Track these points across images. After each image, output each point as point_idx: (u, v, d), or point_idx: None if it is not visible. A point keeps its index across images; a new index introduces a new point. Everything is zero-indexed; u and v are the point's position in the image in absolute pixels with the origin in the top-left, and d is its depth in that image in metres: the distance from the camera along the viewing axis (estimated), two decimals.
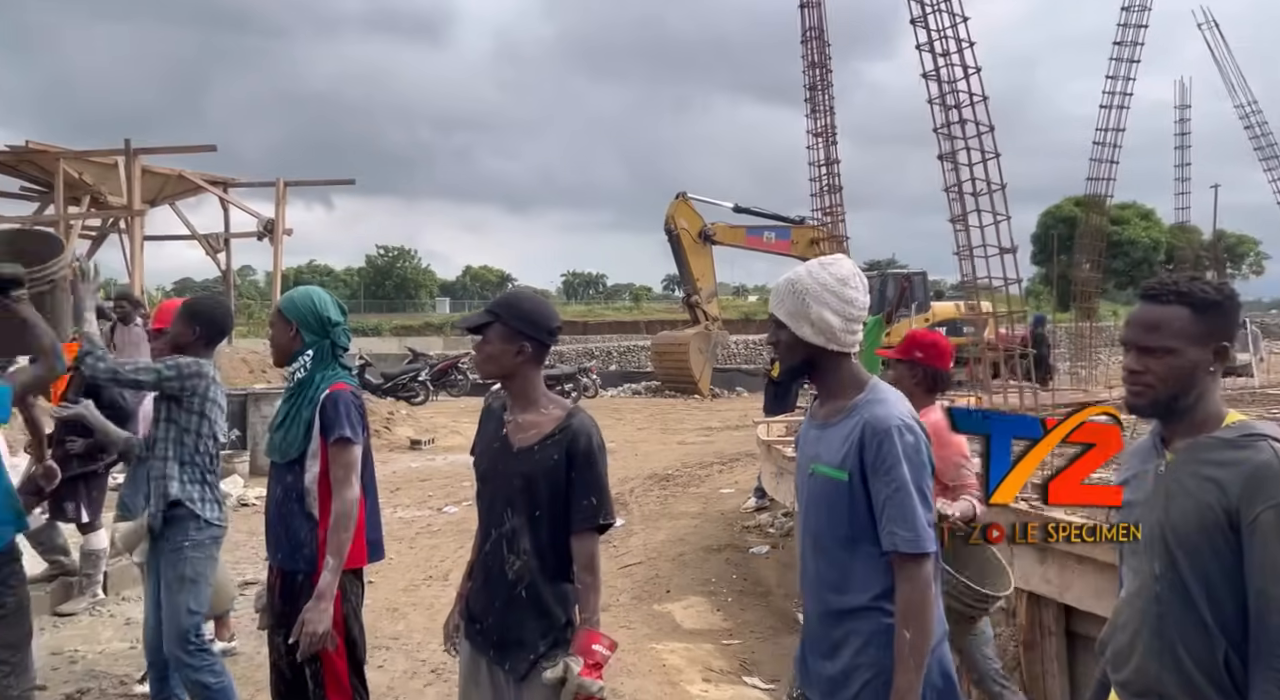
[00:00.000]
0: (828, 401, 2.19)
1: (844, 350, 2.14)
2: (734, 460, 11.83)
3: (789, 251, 23.04)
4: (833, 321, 2.10)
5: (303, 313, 3.10)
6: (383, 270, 74.53)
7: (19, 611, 3.29)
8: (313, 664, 3.03)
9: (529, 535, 2.43)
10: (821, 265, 2.17)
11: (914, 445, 2.01)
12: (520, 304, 2.54)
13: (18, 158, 15.85)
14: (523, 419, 2.51)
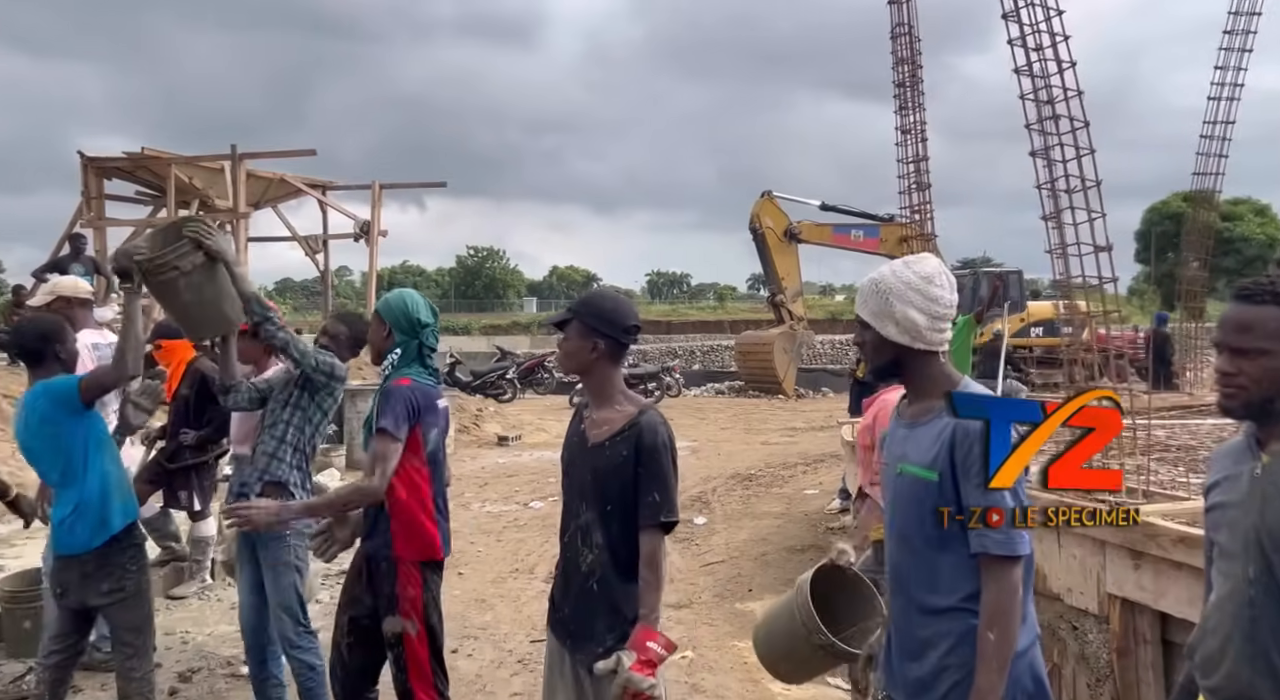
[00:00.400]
0: (916, 400, 2.18)
1: (930, 349, 2.12)
2: (818, 461, 11.73)
3: (877, 250, 22.66)
4: (918, 320, 2.09)
5: (395, 314, 3.23)
6: (472, 270, 75.96)
7: (139, 595, 3.51)
8: (395, 648, 3.16)
9: (600, 529, 2.50)
10: (906, 264, 2.17)
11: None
12: (598, 302, 2.63)
13: (134, 163, 16.71)
14: (598, 415, 2.59)
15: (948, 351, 2.19)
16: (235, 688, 4.66)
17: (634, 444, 2.46)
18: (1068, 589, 4.09)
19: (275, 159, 17.73)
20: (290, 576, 3.72)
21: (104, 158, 16.78)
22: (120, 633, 3.51)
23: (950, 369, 2.18)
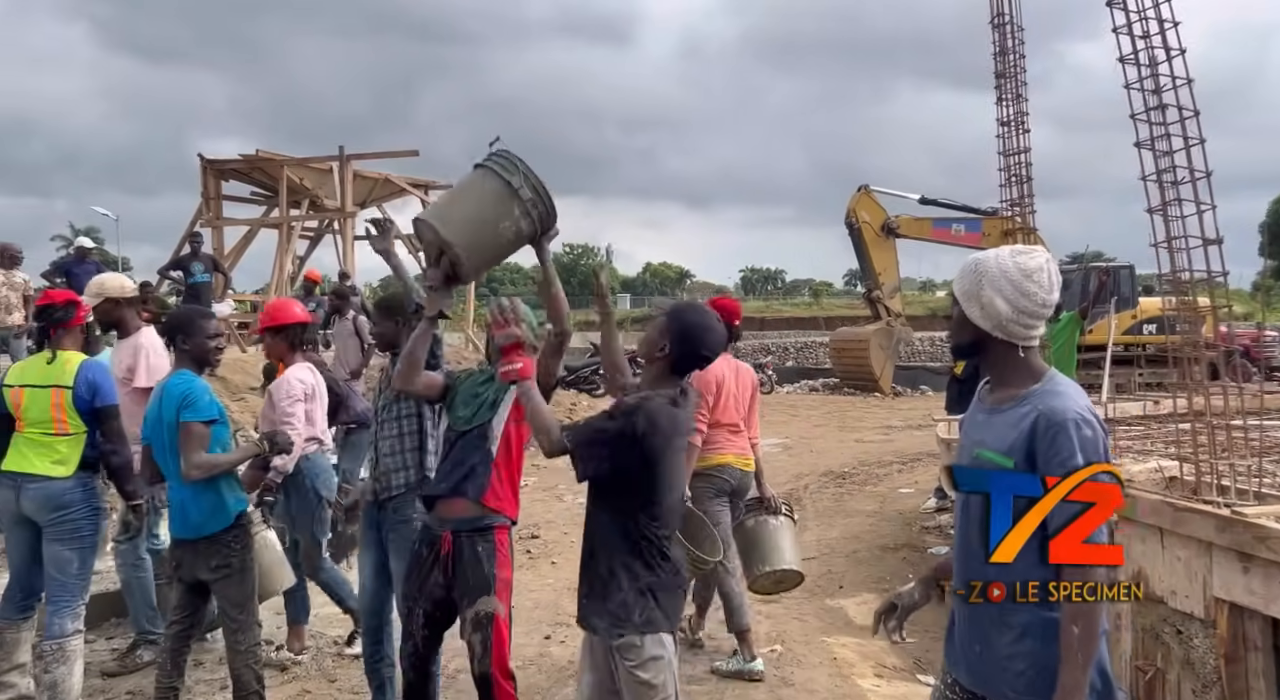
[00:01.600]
0: (998, 388, 2.17)
1: (1010, 341, 2.10)
2: (914, 460, 11.54)
3: (979, 244, 22.03)
4: (1002, 309, 2.07)
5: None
6: (568, 267, 76.90)
7: (244, 572, 3.74)
8: (483, 630, 3.25)
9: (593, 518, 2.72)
10: (1013, 252, 2.14)
11: (1092, 439, 1.96)
12: (688, 315, 2.76)
13: (249, 165, 17.55)
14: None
15: (1038, 347, 2.17)
16: (342, 666, 4.89)
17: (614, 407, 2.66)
18: (1171, 592, 3.95)
19: (380, 159, 18.34)
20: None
21: (221, 160, 17.67)
22: (226, 608, 3.75)
23: (1036, 361, 2.14)
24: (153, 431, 3.74)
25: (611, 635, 2.56)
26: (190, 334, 3.74)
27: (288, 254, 17.27)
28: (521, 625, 5.47)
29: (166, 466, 3.72)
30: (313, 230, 19.84)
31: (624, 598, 2.56)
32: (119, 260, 43.67)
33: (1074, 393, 2.07)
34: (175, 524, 3.75)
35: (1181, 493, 4.37)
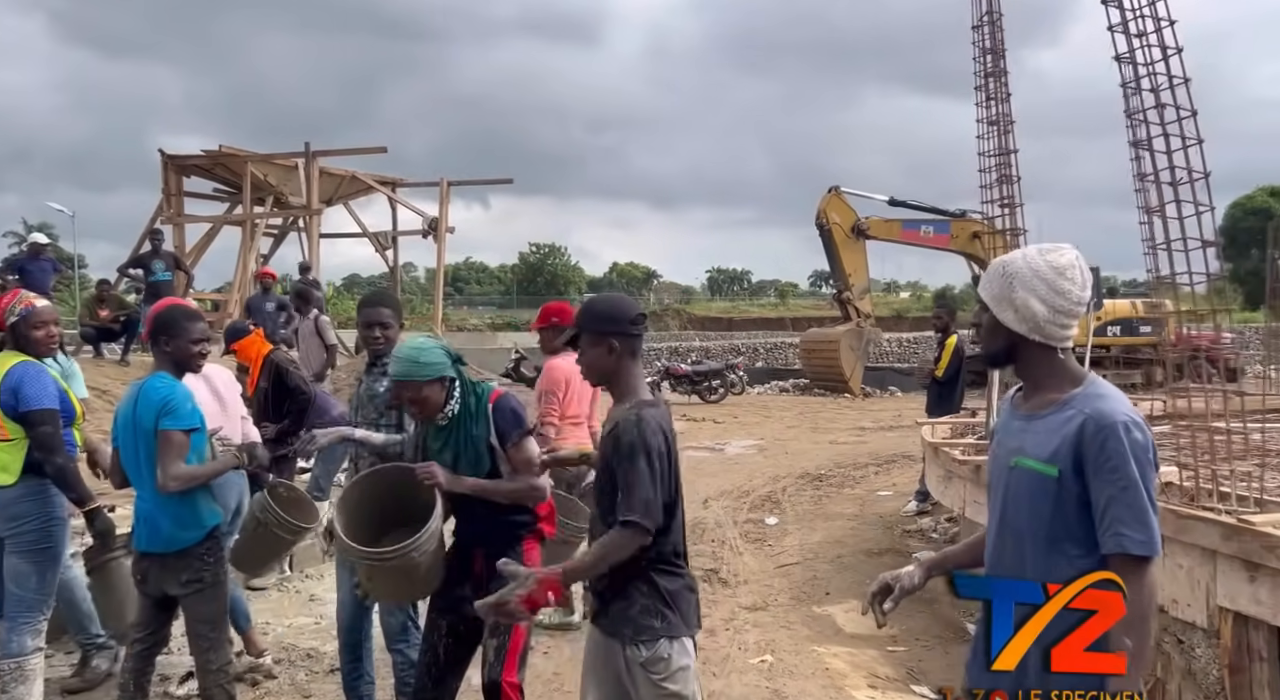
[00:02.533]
0: (1035, 394, 2.08)
1: (1048, 343, 2.03)
2: (890, 461, 11.51)
3: (948, 246, 22.22)
4: (1038, 310, 2.00)
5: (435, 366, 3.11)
6: (534, 267, 76.55)
7: (216, 587, 3.54)
8: (500, 637, 3.14)
9: (602, 525, 2.52)
10: (1041, 251, 2.06)
11: (1142, 443, 1.89)
12: (596, 307, 2.66)
13: (212, 161, 17.17)
14: (611, 414, 2.62)
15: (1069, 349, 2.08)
16: (316, 680, 4.70)
17: (614, 442, 2.48)
18: (1173, 601, 3.89)
19: (347, 156, 18.03)
20: None
21: (183, 155, 17.27)
22: (195, 625, 3.55)
23: (1074, 364, 2.06)
24: (123, 434, 3.51)
25: (637, 645, 2.45)
26: (174, 335, 3.52)
27: (251, 252, 16.92)
28: None
29: (136, 473, 3.50)
30: (277, 228, 19.47)
31: (646, 604, 2.47)
32: (75, 257, 42.67)
33: (1118, 395, 2.00)
34: (142, 536, 3.52)
35: (1180, 499, 4.32)
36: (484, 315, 55.38)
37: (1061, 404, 1.99)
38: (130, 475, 3.55)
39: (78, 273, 42.07)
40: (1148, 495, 1.86)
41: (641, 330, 2.63)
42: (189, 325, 3.56)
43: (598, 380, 2.65)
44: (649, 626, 2.45)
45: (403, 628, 3.76)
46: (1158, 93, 4.48)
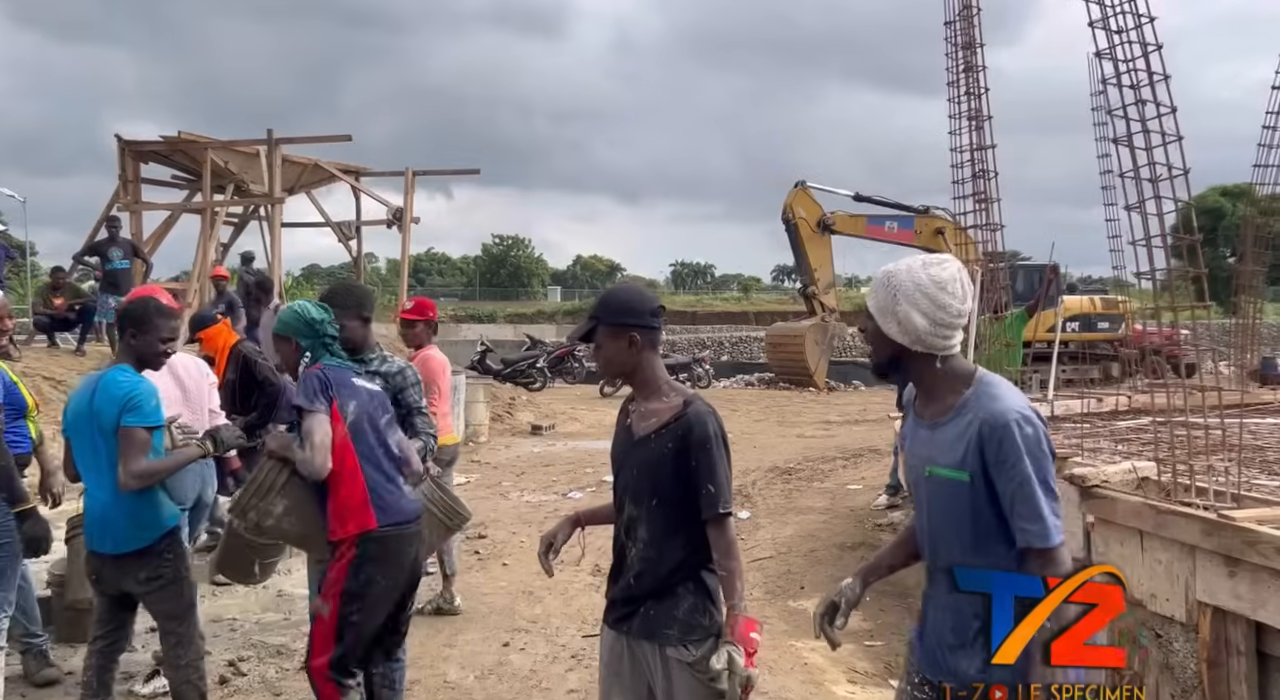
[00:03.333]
0: (930, 401, 2.12)
1: (931, 353, 2.06)
2: (857, 455, 11.58)
3: (911, 242, 22.39)
4: (919, 324, 2.04)
5: (292, 327, 3.37)
6: (498, 258, 76.12)
7: (178, 583, 3.44)
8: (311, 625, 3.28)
9: (644, 525, 2.47)
10: (924, 264, 2.09)
11: (1034, 437, 1.95)
12: (615, 298, 2.59)
13: (171, 147, 16.75)
14: (645, 408, 2.55)
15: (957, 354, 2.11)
16: (286, 676, 4.60)
17: (681, 437, 2.42)
18: (1151, 595, 3.92)
19: (310, 144, 17.71)
20: None
21: (141, 141, 16.84)
22: (162, 621, 3.46)
23: (959, 366, 2.10)
24: (77, 427, 3.37)
25: (685, 645, 2.39)
26: (143, 330, 3.39)
27: (211, 240, 16.55)
28: (477, 632, 5.24)
29: (90, 469, 3.37)
30: (238, 216, 19.07)
31: (695, 603, 2.42)
32: (26, 244, 41.59)
33: (1007, 391, 2.05)
34: (94, 536, 3.38)
35: (1156, 494, 4.35)
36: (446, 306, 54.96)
37: (959, 408, 2.03)
38: (82, 471, 3.42)
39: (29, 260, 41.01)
40: (1043, 487, 1.93)
41: (661, 323, 2.57)
42: (160, 322, 3.43)
43: (617, 374, 2.58)
44: (699, 625, 2.39)
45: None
46: (1138, 89, 4.50)
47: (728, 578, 2.39)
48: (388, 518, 3.25)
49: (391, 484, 3.31)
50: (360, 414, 3.27)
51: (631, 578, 2.49)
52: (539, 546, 2.75)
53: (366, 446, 3.27)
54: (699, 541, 2.42)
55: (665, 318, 2.71)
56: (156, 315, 3.44)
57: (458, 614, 5.50)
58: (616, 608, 2.54)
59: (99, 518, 3.35)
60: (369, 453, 3.27)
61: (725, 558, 2.40)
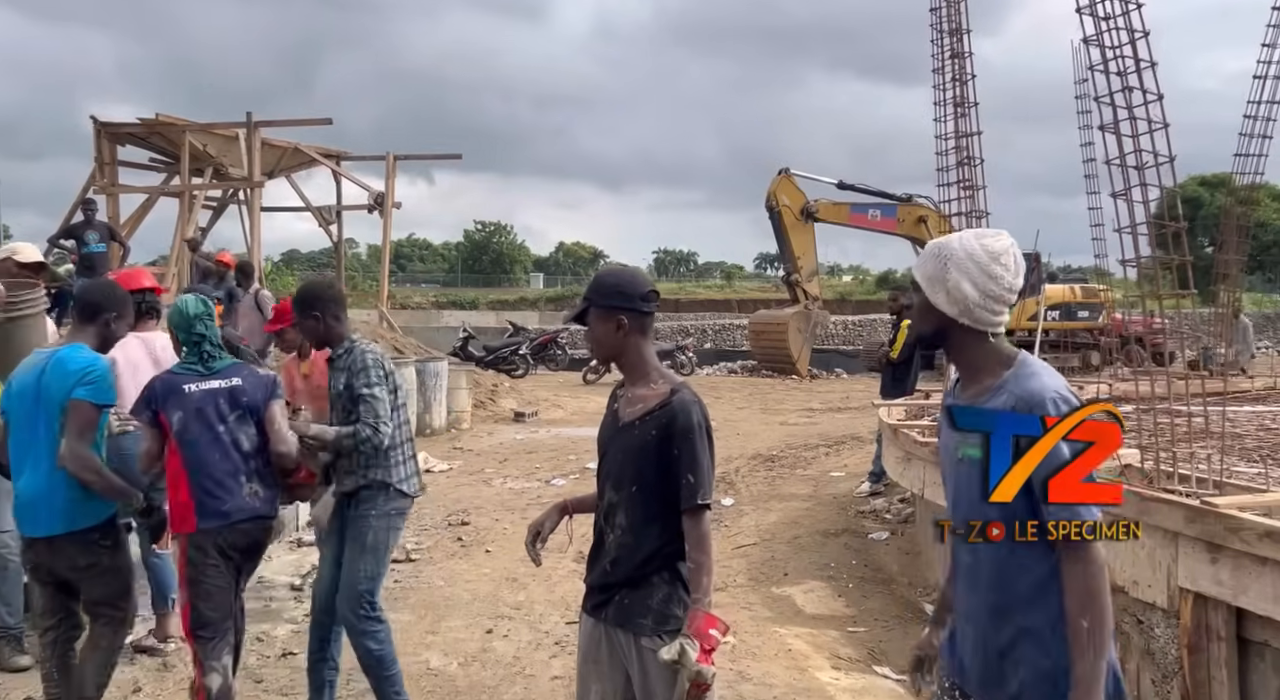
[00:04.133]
0: (970, 382, 2.08)
1: (977, 327, 2.02)
2: (840, 442, 11.60)
3: (894, 230, 22.43)
4: (969, 293, 1.99)
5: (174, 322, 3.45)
6: (480, 245, 75.75)
7: (115, 570, 3.45)
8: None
9: (624, 511, 2.45)
10: (977, 236, 2.06)
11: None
12: (607, 280, 2.57)
13: (148, 129, 16.51)
14: (632, 393, 2.53)
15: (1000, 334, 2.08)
16: (267, 664, 4.56)
17: (665, 425, 2.40)
18: (1133, 582, 3.94)
19: (290, 127, 17.52)
20: (363, 560, 3.64)
21: (117, 123, 16.60)
22: (100, 607, 3.44)
23: (1005, 347, 2.05)
24: (18, 404, 3.31)
25: (659, 635, 2.36)
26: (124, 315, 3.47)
27: (189, 224, 16.34)
28: (460, 618, 5.22)
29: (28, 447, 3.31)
30: (216, 200, 18.85)
31: (669, 593, 2.40)
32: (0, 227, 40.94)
33: (1047, 373, 2.01)
34: (27, 520, 3.34)
35: (1139, 481, 4.37)
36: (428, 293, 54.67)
37: (995, 389, 1.99)
38: (16, 452, 3.36)
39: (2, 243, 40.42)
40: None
41: (654, 308, 2.53)
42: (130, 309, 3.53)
43: (606, 356, 2.56)
44: (673, 616, 2.36)
45: (357, 616, 3.63)
46: (1125, 76, 4.50)
47: (695, 570, 2.37)
48: (207, 521, 3.33)
49: (220, 487, 3.36)
50: (187, 421, 3.32)
51: (608, 563, 2.48)
52: (526, 535, 2.72)
53: (194, 453, 3.33)
54: (675, 531, 2.40)
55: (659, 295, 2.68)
56: (130, 302, 3.51)
57: None
58: (594, 594, 2.52)
59: (36, 499, 3.30)
60: (198, 458, 3.33)
61: (696, 550, 2.37)
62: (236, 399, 3.42)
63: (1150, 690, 3.94)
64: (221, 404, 3.39)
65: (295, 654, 4.61)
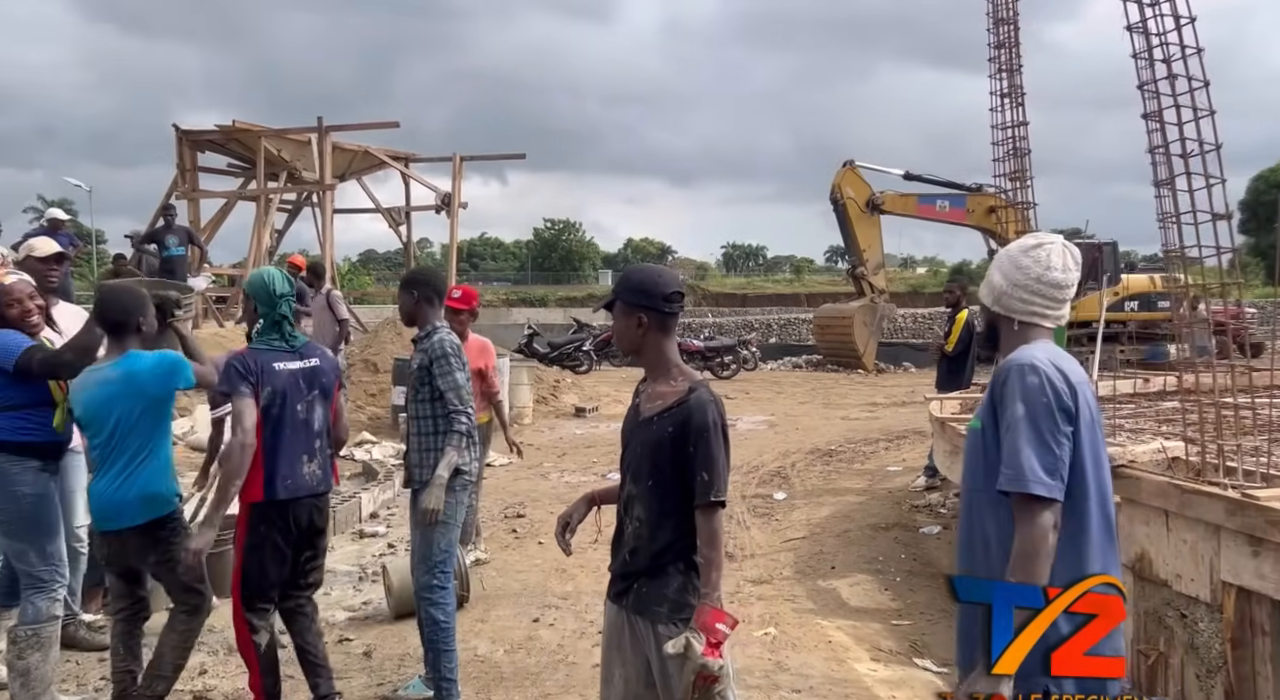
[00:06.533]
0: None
1: (1008, 315, 2.13)
2: (901, 437, 11.49)
3: (964, 220, 22.00)
4: (996, 281, 2.13)
5: (255, 289, 3.64)
6: (549, 242, 76.51)
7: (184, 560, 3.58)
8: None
9: (641, 504, 2.51)
10: (1025, 237, 2.19)
11: (1036, 385, 1.96)
12: (632, 277, 2.62)
13: (226, 136, 17.17)
14: (653, 389, 2.59)
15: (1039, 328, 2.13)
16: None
17: (682, 423, 2.45)
18: (1176, 575, 3.87)
19: (360, 131, 18.01)
20: (436, 531, 3.92)
21: (197, 131, 17.28)
22: (174, 593, 3.63)
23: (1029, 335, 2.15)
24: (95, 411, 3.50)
25: (674, 623, 2.43)
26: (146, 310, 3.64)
27: (265, 227, 16.96)
28: (509, 607, 5.37)
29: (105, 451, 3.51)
30: (291, 203, 19.49)
31: (684, 582, 2.46)
32: (93, 233, 42.92)
33: (1036, 349, 2.06)
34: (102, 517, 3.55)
35: (1186, 474, 4.29)
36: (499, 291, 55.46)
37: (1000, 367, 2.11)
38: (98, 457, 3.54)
39: (96, 248, 42.32)
40: (1035, 433, 1.92)
41: (676, 308, 2.58)
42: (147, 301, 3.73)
43: (625, 348, 2.64)
44: (688, 604, 2.42)
45: (427, 583, 3.94)
46: (1169, 63, 4.40)
47: (705, 566, 2.41)
48: (274, 494, 3.55)
49: (289, 463, 3.58)
50: (273, 398, 3.54)
51: (627, 553, 2.55)
52: (555, 527, 2.84)
53: (275, 428, 3.54)
54: (690, 525, 2.45)
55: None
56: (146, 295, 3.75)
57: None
58: (616, 582, 2.60)
59: (110, 498, 3.49)
60: (276, 433, 3.55)
61: (707, 546, 2.42)
62: (315, 379, 3.67)
63: (1194, 685, 3.87)
64: (302, 383, 3.64)
65: (351, 640, 4.82)
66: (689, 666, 2.28)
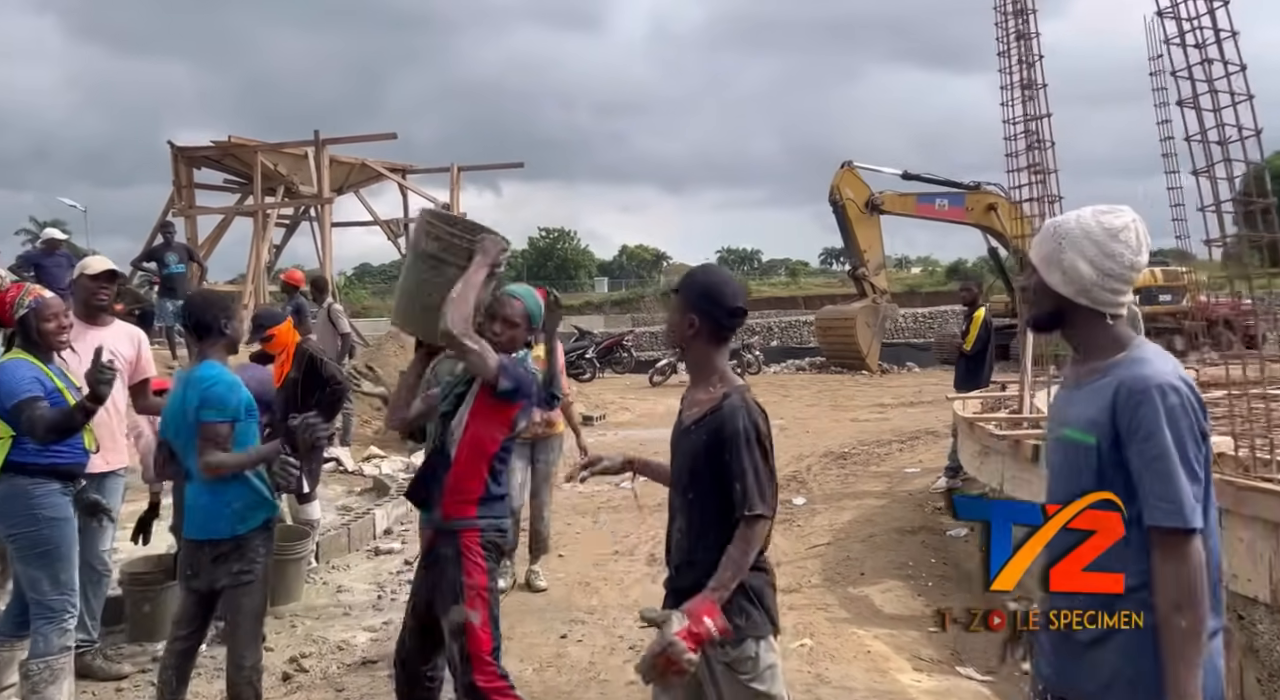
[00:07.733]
0: (1082, 362, 2.00)
1: (1096, 308, 1.93)
2: (914, 438, 11.37)
3: (963, 219, 21.95)
4: (1085, 272, 1.91)
5: (532, 311, 3.50)
6: (544, 251, 76.36)
7: (263, 581, 3.53)
8: (460, 640, 3.13)
9: (683, 516, 2.45)
10: (1095, 212, 1.96)
11: (1180, 407, 1.79)
12: (698, 277, 2.54)
13: (222, 151, 17.05)
14: (693, 397, 2.51)
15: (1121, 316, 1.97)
16: (348, 672, 4.62)
17: (715, 431, 2.37)
18: (1233, 575, 3.75)
19: (357, 144, 17.90)
20: None
21: (193, 147, 17.17)
22: (239, 619, 3.48)
23: (1123, 330, 1.95)
24: (173, 421, 3.51)
25: (723, 644, 2.32)
26: (231, 313, 3.57)
27: (264, 242, 16.83)
28: (535, 623, 5.23)
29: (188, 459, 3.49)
30: (289, 218, 19.37)
31: (731, 602, 2.34)
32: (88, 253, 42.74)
33: (1160, 359, 1.90)
34: (195, 524, 3.50)
35: (1234, 470, 4.17)
36: None
37: (1104, 372, 1.91)
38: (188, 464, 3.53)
39: None
40: (1184, 462, 1.76)
41: (735, 324, 2.49)
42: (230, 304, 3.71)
43: (671, 342, 2.58)
44: (735, 625, 2.32)
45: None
46: (1204, 48, 4.30)
47: (725, 561, 2.30)
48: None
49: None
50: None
51: (674, 569, 2.48)
52: (582, 458, 2.80)
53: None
54: (729, 540, 2.34)
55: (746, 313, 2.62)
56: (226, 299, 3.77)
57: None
58: (668, 598, 2.51)
59: (199, 505, 3.47)
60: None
61: (734, 546, 2.31)
62: None
63: (1256, 688, 3.75)
64: None
65: (375, 662, 4.68)
66: (659, 639, 2.20)
